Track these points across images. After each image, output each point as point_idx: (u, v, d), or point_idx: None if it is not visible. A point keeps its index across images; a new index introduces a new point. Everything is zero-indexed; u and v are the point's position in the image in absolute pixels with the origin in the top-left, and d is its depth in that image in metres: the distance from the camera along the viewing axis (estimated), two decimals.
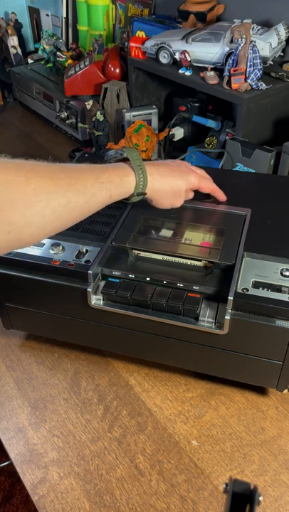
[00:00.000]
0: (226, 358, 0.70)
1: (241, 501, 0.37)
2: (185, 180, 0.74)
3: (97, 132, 1.28)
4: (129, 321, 0.70)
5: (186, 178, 0.75)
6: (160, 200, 0.74)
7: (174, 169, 0.74)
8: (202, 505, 0.63)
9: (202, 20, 1.31)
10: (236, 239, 0.72)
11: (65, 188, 0.57)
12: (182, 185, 0.74)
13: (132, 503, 0.63)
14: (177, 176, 0.74)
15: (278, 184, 0.89)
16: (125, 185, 0.66)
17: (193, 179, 0.76)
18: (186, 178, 0.75)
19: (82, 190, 0.60)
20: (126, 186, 0.66)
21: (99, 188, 0.62)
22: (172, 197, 0.74)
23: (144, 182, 0.68)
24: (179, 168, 0.75)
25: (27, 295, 0.77)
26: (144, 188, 0.68)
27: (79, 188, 0.59)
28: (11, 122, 1.74)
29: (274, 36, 1.15)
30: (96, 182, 0.62)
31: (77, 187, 0.59)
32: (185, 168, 0.77)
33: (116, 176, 0.65)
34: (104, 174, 0.63)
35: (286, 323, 0.63)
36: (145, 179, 0.68)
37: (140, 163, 0.67)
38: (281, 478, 0.65)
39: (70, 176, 0.59)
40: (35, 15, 2.04)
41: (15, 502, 1.43)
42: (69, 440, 0.71)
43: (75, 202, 0.58)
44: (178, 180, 0.74)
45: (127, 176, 0.66)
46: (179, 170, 0.75)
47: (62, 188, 0.57)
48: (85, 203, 0.60)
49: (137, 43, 1.28)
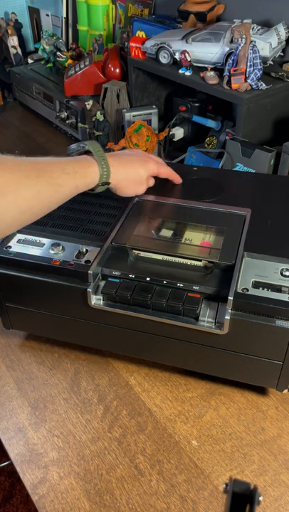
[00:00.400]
0: (226, 358, 0.70)
1: (241, 501, 0.37)
2: (145, 168, 0.78)
3: (97, 132, 1.28)
4: (129, 321, 0.70)
5: (146, 165, 0.79)
6: (124, 189, 0.77)
7: (133, 159, 0.78)
8: (202, 505, 0.63)
9: (202, 20, 1.31)
10: (236, 239, 0.72)
11: (34, 179, 0.61)
12: (143, 173, 0.78)
13: (132, 503, 0.63)
14: (138, 165, 0.78)
15: (278, 184, 0.89)
16: (90, 175, 0.69)
17: (153, 166, 0.80)
18: (146, 166, 0.79)
19: (50, 180, 0.63)
20: (91, 177, 0.69)
21: (66, 179, 0.65)
22: (135, 185, 0.78)
23: (107, 172, 0.71)
24: (139, 157, 0.79)
25: (27, 295, 0.77)
26: (108, 177, 0.71)
27: (47, 179, 0.62)
28: (11, 122, 1.74)
29: (274, 36, 1.15)
30: (62, 173, 0.65)
31: (45, 178, 0.62)
32: (144, 156, 0.81)
33: (81, 167, 0.68)
34: (70, 165, 0.66)
35: (286, 323, 0.63)
36: (108, 169, 0.71)
37: (102, 155, 0.71)
38: (281, 478, 0.65)
39: (38, 168, 0.63)
40: (35, 15, 2.04)
41: (15, 502, 1.43)
42: (69, 440, 0.71)
43: (45, 192, 0.62)
44: (139, 168, 0.78)
45: (91, 167, 0.69)
46: (139, 159, 0.79)
47: (32, 179, 0.60)
48: (54, 192, 0.64)
49: (137, 43, 1.28)
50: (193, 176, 0.91)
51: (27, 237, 0.77)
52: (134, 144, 1.20)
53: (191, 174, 0.91)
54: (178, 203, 0.82)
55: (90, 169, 0.69)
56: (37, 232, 0.78)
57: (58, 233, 0.77)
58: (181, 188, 0.86)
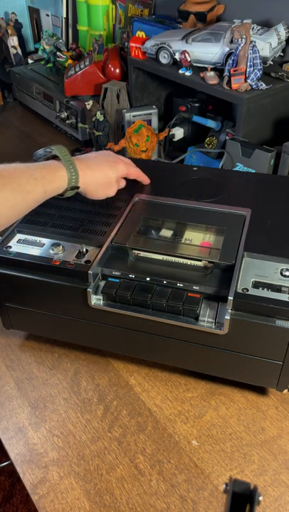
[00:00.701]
0: (226, 358, 0.70)
1: (241, 501, 0.37)
2: (114, 169, 0.78)
3: (97, 132, 1.28)
4: (129, 321, 0.70)
5: (115, 167, 0.78)
6: (94, 192, 0.77)
7: (101, 161, 0.78)
8: (202, 505, 0.63)
9: (202, 21, 1.31)
10: (236, 239, 0.72)
11: (1, 186, 0.61)
12: (112, 175, 0.78)
13: (132, 503, 0.63)
14: (106, 167, 0.77)
15: (278, 184, 0.89)
16: (58, 180, 0.69)
17: (122, 167, 0.80)
18: (115, 168, 0.78)
19: (17, 187, 0.63)
20: (59, 181, 0.69)
21: (33, 185, 0.65)
22: (105, 187, 0.78)
23: (76, 176, 0.70)
24: (107, 159, 0.79)
25: (27, 295, 0.77)
26: (77, 182, 0.71)
27: (13, 185, 0.62)
28: (11, 122, 1.74)
29: (274, 36, 1.15)
30: (30, 179, 0.65)
31: (12, 185, 0.62)
32: (112, 158, 0.80)
33: (49, 172, 0.68)
34: (37, 171, 0.66)
35: (286, 323, 0.63)
36: (76, 173, 0.70)
37: (69, 159, 0.70)
38: (281, 478, 0.65)
39: (4, 175, 0.63)
40: (35, 15, 2.04)
41: (15, 502, 1.43)
42: (69, 440, 0.71)
43: (12, 199, 0.62)
44: (107, 170, 0.77)
45: (59, 172, 0.69)
46: (107, 161, 0.78)
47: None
48: (22, 199, 0.64)
49: (137, 43, 1.28)
50: (193, 176, 0.91)
51: (27, 237, 0.77)
52: (134, 144, 1.20)
53: (191, 174, 0.91)
54: (178, 203, 0.82)
55: (58, 174, 0.68)
56: (37, 232, 0.78)
57: (58, 233, 0.77)
58: (181, 188, 0.86)
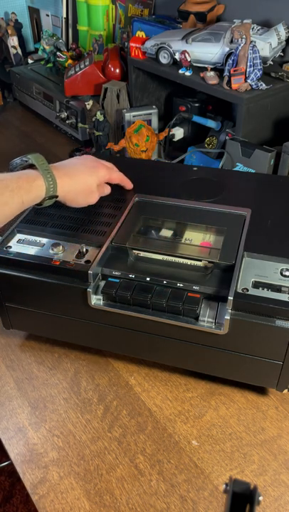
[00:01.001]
0: (226, 358, 0.70)
1: (241, 501, 0.37)
2: (95, 175, 0.75)
3: (97, 132, 1.28)
4: (129, 321, 0.70)
5: (96, 173, 0.76)
6: (74, 201, 0.75)
7: (81, 167, 0.75)
8: (202, 505, 0.63)
9: (202, 21, 1.31)
10: (236, 239, 0.72)
11: None
12: (92, 182, 0.75)
13: (132, 503, 0.63)
14: (86, 173, 0.74)
15: (278, 184, 0.89)
16: (35, 190, 0.67)
17: (103, 172, 0.77)
18: (96, 173, 0.76)
19: None
20: (36, 191, 0.67)
21: (10, 196, 0.64)
22: (85, 195, 0.75)
23: (54, 185, 0.69)
24: (87, 165, 0.76)
25: (27, 295, 0.77)
26: (55, 190, 0.69)
27: None
28: (11, 122, 1.74)
29: (274, 36, 1.15)
30: (6, 190, 0.63)
31: None
32: (92, 163, 0.77)
33: (25, 182, 0.66)
34: (13, 182, 0.65)
35: (286, 323, 0.63)
36: (54, 182, 0.69)
37: (47, 167, 0.69)
38: (281, 478, 0.65)
39: None
40: (35, 15, 2.04)
41: (15, 502, 1.43)
42: (69, 440, 0.71)
43: None
44: (87, 177, 0.74)
45: (35, 181, 0.67)
46: (87, 166, 0.76)
47: None
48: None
49: (137, 43, 1.28)
50: (193, 176, 0.91)
51: (27, 237, 0.77)
52: (134, 144, 1.20)
53: (191, 174, 0.91)
54: (178, 203, 0.82)
55: (34, 183, 0.67)
56: (37, 232, 0.78)
57: (58, 233, 0.77)
58: (181, 188, 0.86)
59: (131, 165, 1.00)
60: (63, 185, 0.71)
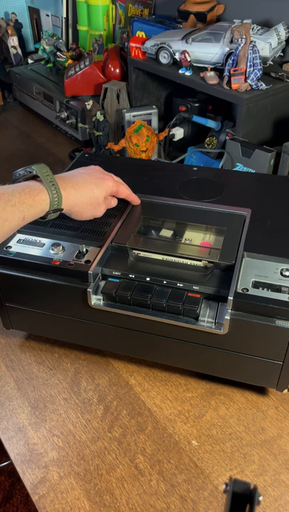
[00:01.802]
0: (226, 358, 0.70)
1: (241, 501, 0.37)
2: (101, 188, 0.72)
3: (97, 132, 1.28)
4: (129, 321, 0.70)
5: (102, 185, 0.73)
6: (79, 214, 0.72)
7: (87, 179, 0.72)
8: (202, 505, 0.63)
9: (202, 21, 1.31)
10: (236, 239, 0.72)
11: None
12: (99, 194, 0.72)
13: (132, 502, 0.63)
14: (92, 185, 0.71)
15: (278, 184, 0.89)
16: (39, 204, 0.64)
17: (111, 184, 0.74)
18: (102, 186, 0.73)
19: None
20: (39, 206, 0.64)
21: (11, 212, 0.61)
22: (91, 208, 0.72)
23: (58, 198, 0.65)
24: (93, 177, 0.73)
25: (27, 295, 0.77)
26: (60, 204, 0.66)
27: None
28: (11, 122, 1.74)
29: (274, 36, 1.15)
30: (7, 205, 0.60)
31: None
32: (99, 174, 0.74)
33: (28, 197, 0.63)
34: (15, 196, 0.61)
35: (286, 323, 0.63)
36: (59, 195, 0.65)
37: (52, 179, 0.65)
38: (281, 478, 0.66)
39: None
40: (35, 15, 2.04)
41: (15, 502, 1.43)
42: (69, 440, 0.71)
43: None
44: (94, 189, 0.71)
45: (39, 195, 0.64)
46: (94, 178, 0.73)
47: None
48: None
49: (137, 43, 1.28)
50: (193, 175, 0.91)
51: (27, 237, 0.77)
52: (134, 144, 1.20)
53: (191, 174, 0.91)
54: (178, 203, 0.82)
55: (38, 197, 0.63)
56: (37, 232, 0.78)
57: (58, 233, 0.77)
58: (181, 188, 0.86)
59: (131, 165, 1.00)
60: (69, 198, 0.68)
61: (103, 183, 0.73)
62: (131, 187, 0.81)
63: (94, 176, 0.73)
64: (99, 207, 0.73)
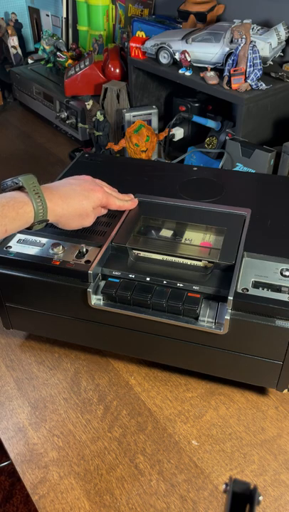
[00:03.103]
0: (226, 358, 0.70)
1: (241, 501, 0.37)
2: (90, 199, 0.72)
3: (97, 132, 1.28)
4: (129, 321, 0.70)
5: (92, 197, 0.72)
6: (66, 224, 0.72)
7: (77, 190, 0.71)
8: (202, 505, 0.63)
9: (202, 21, 1.31)
10: (236, 239, 0.72)
11: None
12: (87, 206, 0.71)
13: (132, 502, 0.63)
14: (81, 197, 0.71)
15: (278, 184, 0.89)
16: (22, 217, 0.63)
17: (100, 196, 0.73)
18: (92, 197, 0.72)
19: None
20: (23, 218, 0.64)
21: None
22: (79, 218, 0.72)
23: (43, 210, 0.65)
24: (83, 187, 0.72)
25: (27, 295, 0.77)
26: (45, 215, 0.66)
27: None
28: (11, 122, 1.74)
29: (274, 36, 1.15)
30: None
31: None
32: (90, 185, 0.73)
33: (11, 210, 0.62)
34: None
35: (286, 323, 0.63)
36: (45, 207, 0.65)
37: (38, 191, 0.65)
38: (281, 478, 0.66)
39: None
40: (35, 15, 2.04)
41: (15, 502, 1.43)
42: (69, 440, 0.71)
43: None
44: (82, 200, 0.71)
45: (23, 208, 0.63)
46: (83, 189, 0.72)
47: None
48: None
49: (137, 43, 1.28)
50: (193, 175, 0.91)
51: (27, 237, 0.77)
52: (134, 144, 1.20)
53: (191, 174, 0.91)
54: (178, 203, 0.82)
55: (21, 210, 0.63)
56: (37, 232, 0.77)
57: (58, 233, 0.77)
58: (181, 188, 0.86)
59: (131, 165, 1.00)
60: (55, 209, 0.67)
61: (92, 194, 0.73)
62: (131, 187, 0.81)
63: (83, 186, 0.73)
64: (87, 218, 0.73)
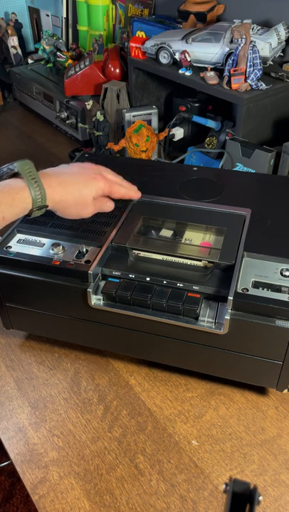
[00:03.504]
0: (226, 358, 0.70)
1: (241, 501, 0.37)
2: (91, 187, 0.69)
3: (97, 132, 1.28)
4: (129, 321, 0.71)
5: (93, 185, 0.69)
6: (64, 211, 0.69)
7: (77, 177, 0.69)
8: (202, 505, 0.63)
9: (202, 21, 1.31)
10: (236, 239, 0.72)
11: None
12: (87, 194, 0.68)
13: (132, 502, 0.63)
14: (81, 184, 0.68)
15: (278, 184, 0.89)
16: (19, 203, 0.62)
17: (102, 185, 0.70)
18: (93, 186, 0.69)
19: None
20: (20, 204, 0.62)
21: None
22: (78, 207, 0.69)
23: (42, 195, 0.63)
24: (85, 174, 0.70)
25: (27, 295, 0.77)
26: (44, 201, 0.64)
27: None
28: (11, 122, 1.74)
29: (274, 36, 1.15)
30: None
31: None
32: (92, 173, 0.71)
33: (7, 196, 0.61)
34: None
35: (286, 323, 0.63)
36: (43, 192, 0.63)
37: (34, 176, 0.63)
38: (281, 478, 0.66)
39: None
40: (35, 15, 2.04)
41: (15, 502, 1.43)
42: (69, 440, 0.71)
43: None
44: (82, 188, 0.68)
45: (19, 194, 0.61)
46: (85, 176, 0.69)
47: None
48: None
49: (137, 43, 1.28)
50: (193, 175, 0.91)
51: (27, 237, 0.77)
52: (134, 144, 1.20)
53: (191, 174, 0.91)
54: (178, 203, 0.82)
55: (18, 196, 0.61)
56: (37, 232, 0.78)
57: (58, 233, 0.77)
58: (181, 188, 0.86)
59: (131, 165, 1.00)
60: (54, 195, 0.65)
61: (93, 183, 0.70)
62: None
63: (85, 174, 0.70)
64: (86, 207, 0.70)
